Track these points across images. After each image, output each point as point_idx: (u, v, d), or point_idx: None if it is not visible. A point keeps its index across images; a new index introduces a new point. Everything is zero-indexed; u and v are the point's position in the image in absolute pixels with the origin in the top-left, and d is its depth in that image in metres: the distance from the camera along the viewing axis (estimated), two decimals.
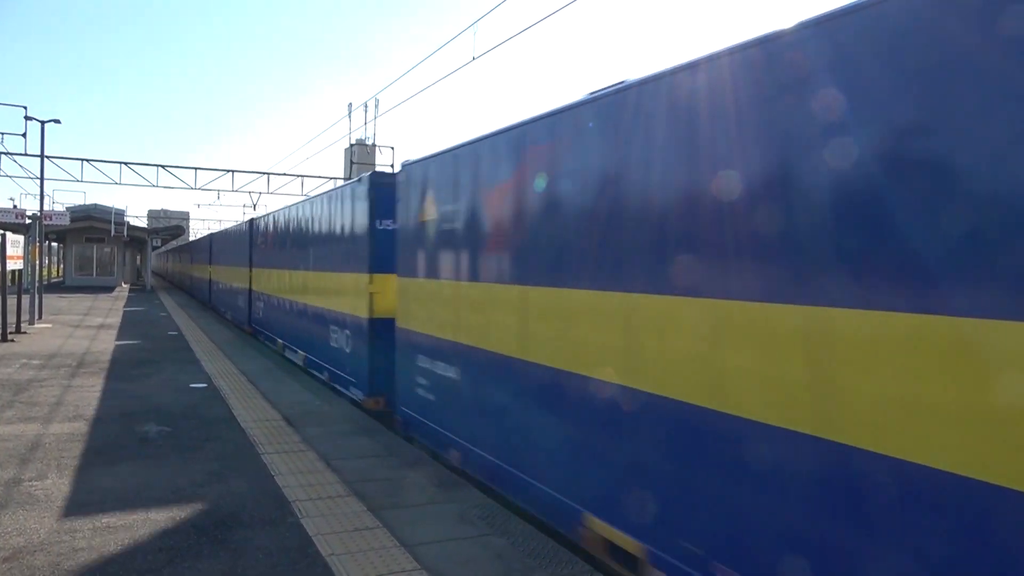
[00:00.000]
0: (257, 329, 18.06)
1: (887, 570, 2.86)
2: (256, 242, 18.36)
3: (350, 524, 5.44)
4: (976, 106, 2.60)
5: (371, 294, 9.28)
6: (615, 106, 4.59)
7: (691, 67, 3.92)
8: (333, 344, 10.94)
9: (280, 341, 15.01)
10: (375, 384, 9.30)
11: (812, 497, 3.16)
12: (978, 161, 2.61)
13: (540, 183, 5.38)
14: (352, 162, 43.98)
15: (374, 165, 41.34)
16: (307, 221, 13.01)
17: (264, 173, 38.58)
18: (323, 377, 11.45)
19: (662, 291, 4.05)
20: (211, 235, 31.02)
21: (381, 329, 9.06)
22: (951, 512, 2.64)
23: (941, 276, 2.70)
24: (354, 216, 10.03)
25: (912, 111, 2.83)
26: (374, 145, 44.78)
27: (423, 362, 7.42)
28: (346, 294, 10.26)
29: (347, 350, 10.25)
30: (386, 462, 7.19)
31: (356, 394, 9.79)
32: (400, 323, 8.17)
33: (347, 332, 10.20)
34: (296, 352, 13.51)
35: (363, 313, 9.44)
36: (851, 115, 3.03)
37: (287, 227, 14.77)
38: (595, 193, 4.77)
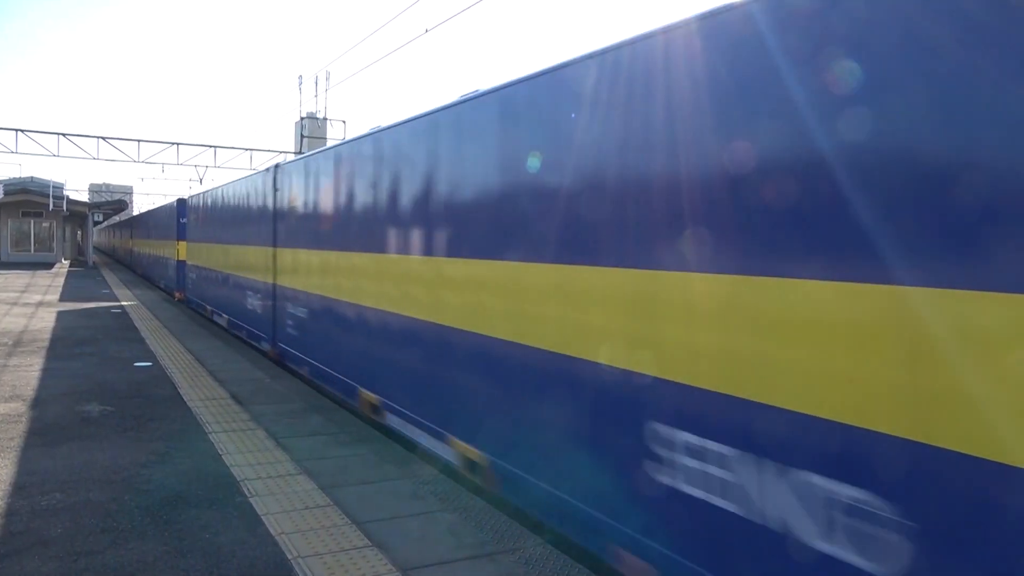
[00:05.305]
0: (291, 353, 10.41)
1: None
2: (290, 206, 10.59)
3: (300, 503, 5.39)
4: None
5: None
6: None
7: None
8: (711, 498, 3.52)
9: (371, 395, 7.50)
10: None
11: None
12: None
13: None
14: (303, 136, 43.08)
15: (325, 139, 40.51)
16: (486, 148, 5.51)
17: (211, 146, 37.65)
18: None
19: None
20: (182, 200, 22.86)
21: None
22: None
23: None
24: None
25: None
26: (325, 119, 43.87)
27: None
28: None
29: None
30: (338, 439, 7.13)
31: None
32: None
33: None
34: (442, 439, 6.07)
35: None
36: None
37: (396, 169, 7.04)
38: None
